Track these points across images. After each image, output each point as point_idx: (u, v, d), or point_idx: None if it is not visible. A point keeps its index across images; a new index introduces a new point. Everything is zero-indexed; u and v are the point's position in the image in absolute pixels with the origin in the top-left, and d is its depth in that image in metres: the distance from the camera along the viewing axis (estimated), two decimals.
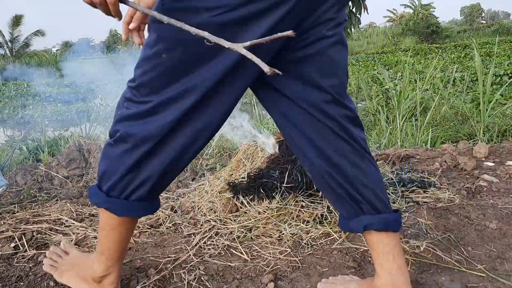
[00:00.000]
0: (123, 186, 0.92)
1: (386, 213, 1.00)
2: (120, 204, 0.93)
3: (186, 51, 0.80)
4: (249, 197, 1.72)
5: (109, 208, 0.94)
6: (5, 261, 1.41)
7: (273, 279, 1.24)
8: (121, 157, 0.90)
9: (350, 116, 0.97)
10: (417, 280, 1.21)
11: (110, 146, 0.92)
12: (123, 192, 0.92)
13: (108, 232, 0.99)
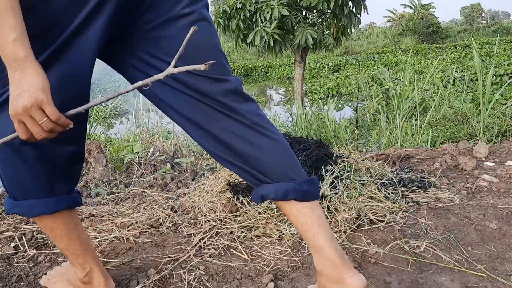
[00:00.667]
0: (20, 188, 0.91)
1: (286, 182, 0.94)
2: (27, 205, 0.92)
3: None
4: (249, 197, 1.72)
5: (19, 212, 0.93)
6: (5, 261, 1.41)
7: (273, 279, 1.24)
8: (10, 163, 0.88)
9: (230, 90, 0.93)
10: (417, 280, 1.21)
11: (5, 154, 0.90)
12: (23, 194, 0.92)
13: (52, 234, 0.99)
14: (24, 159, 0.87)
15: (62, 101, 0.79)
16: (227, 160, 0.97)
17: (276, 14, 4.38)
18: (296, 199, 0.95)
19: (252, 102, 0.98)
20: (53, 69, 0.79)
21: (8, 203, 0.94)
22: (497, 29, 24.79)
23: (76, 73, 0.83)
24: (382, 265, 1.29)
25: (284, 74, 14.79)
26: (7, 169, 0.89)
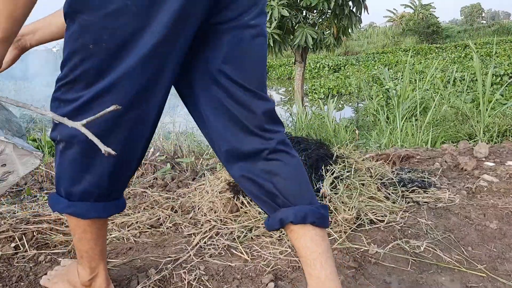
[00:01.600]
0: (81, 190, 0.90)
1: (305, 205, 0.93)
2: (83, 207, 0.91)
3: (112, 38, 0.76)
4: (249, 197, 1.72)
5: (74, 213, 0.92)
6: (5, 261, 1.41)
7: (273, 279, 1.24)
8: (69, 161, 0.87)
9: (270, 110, 0.94)
10: (417, 280, 1.21)
11: (57, 150, 0.89)
12: (82, 195, 0.90)
13: (80, 235, 0.97)
14: (96, 161, 0.86)
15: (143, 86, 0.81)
16: (247, 177, 0.95)
17: (276, 15, 4.38)
18: (314, 223, 0.92)
19: (281, 125, 0.98)
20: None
21: (59, 201, 0.92)
22: (497, 29, 24.78)
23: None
24: (382, 265, 1.29)
25: (284, 74, 14.80)
26: (73, 169, 0.87)
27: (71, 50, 0.80)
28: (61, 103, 0.84)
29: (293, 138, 2.01)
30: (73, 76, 0.81)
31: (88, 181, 0.89)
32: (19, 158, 0.98)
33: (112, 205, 0.95)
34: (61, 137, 0.86)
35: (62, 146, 0.87)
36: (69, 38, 0.80)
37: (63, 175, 0.90)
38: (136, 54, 0.77)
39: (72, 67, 0.80)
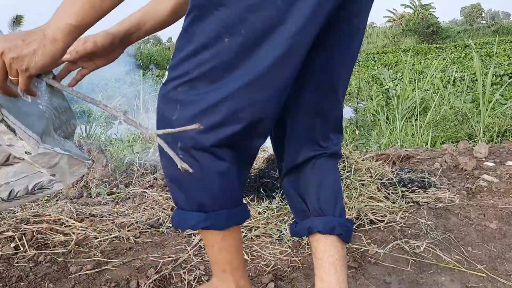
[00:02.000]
0: (221, 199, 0.80)
1: (335, 217, 0.91)
2: (221, 216, 0.82)
3: (250, 30, 0.69)
4: (249, 197, 1.72)
5: (212, 226, 0.81)
6: (5, 261, 1.41)
7: (273, 279, 1.24)
8: (206, 171, 0.76)
9: (340, 118, 0.93)
10: (417, 280, 1.21)
11: (192, 161, 0.75)
12: (212, 204, 0.80)
13: (220, 246, 0.88)
14: (222, 164, 0.77)
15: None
16: (292, 184, 0.95)
17: None
18: (340, 235, 0.91)
19: (342, 134, 0.96)
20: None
21: (194, 217, 0.80)
22: (497, 29, 24.79)
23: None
24: (382, 265, 1.29)
25: None
26: (200, 178, 0.76)
27: (201, 44, 0.71)
28: (180, 104, 0.73)
29: None
30: (198, 72, 0.72)
31: (215, 186, 0.78)
32: (70, 167, 0.87)
33: (243, 209, 0.87)
34: (181, 144, 0.75)
35: (185, 154, 0.76)
36: (200, 30, 0.71)
37: (199, 186, 0.78)
38: (273, 50, 0.70)
39: (198, 62, 0.71)
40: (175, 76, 0.74)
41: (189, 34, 0.72)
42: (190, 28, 0.72)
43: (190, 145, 0.74)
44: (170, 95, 0.75)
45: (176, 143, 0.74)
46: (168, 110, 0.75)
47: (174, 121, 0.74)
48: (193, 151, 0.74)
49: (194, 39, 0.71)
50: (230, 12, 0.68)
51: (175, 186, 0.80)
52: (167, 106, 0.76)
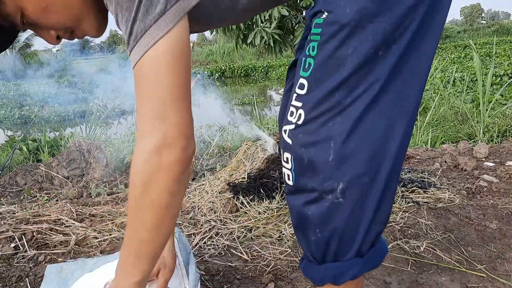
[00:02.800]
0: (373, 237, 0.68)
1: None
2: (376, 255, 0.71)
3: (406, 36, 0.63)
4: (249, 197, 1.72)
5: (370, 267, 0.70)
6: (5, 261, 1.41)
7: (273, 279, 1.24)
8: (355, 210, 0.65)
9: None
10: (417, 280, 1.21)
11: (331, 204, 0.64)
12: (373, 243, 0.69)
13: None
14: (368, 205, 0.65)
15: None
16: None
17: (275, 14, 4.38)
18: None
19: None
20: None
21: (351, 266, 0.68)
22: (497, 29, 24.77)
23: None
24: (382, 265, 1.29)
25: (284, 74, 14.77)
26: (344, 219, 0.65)
27: (355, 67, 0.62)
28: (335, 140, 0.63)
29: None
30: (352, 98, 0.63)
31: (380, 221, 0.68)
32: None
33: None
34: (344, 184, 0.63)
35: (346, 195, 0.64)
36: (352, 51, 0.62)
37: (351, 230, 0.66)
38: (430, 52, 0.66)
39: (352, 88, 0.62)
40: (322, 111, 0.63)
41: (338, 60, 0.63)
42: (339, 52, 0.62)
43: (357, 182, 0.63)
44: (319, 134, 0.63)
45: (337, 184, 0.63)
46: (319, 152, 0.63)
47: (331, 162, 0.63)
48: (359, 188, 0.63)
49: (346, 63, 0.62)
50: (387, 22, 0.62)
51: (326, 235, 0.66)
52: (316, 148, 0.63)
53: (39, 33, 0.71)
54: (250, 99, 8.84)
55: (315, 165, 0.64)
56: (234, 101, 9.37)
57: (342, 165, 0.62)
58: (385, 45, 0.62)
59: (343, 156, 0.62)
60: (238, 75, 16.25)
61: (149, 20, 0.58)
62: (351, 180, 0.63)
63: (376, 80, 0.63)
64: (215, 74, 15.66)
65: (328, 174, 0.63)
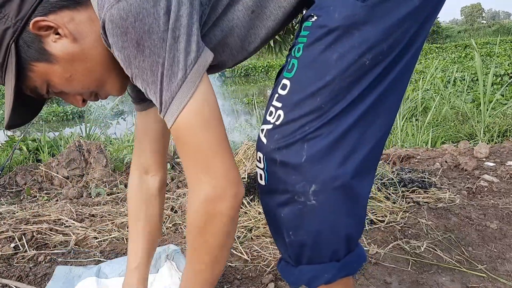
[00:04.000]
0: (348, 240, 0.68)
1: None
2: (353, 259, 0.70)
3: (390, 50, 0.64)
4: (249, 197, 1.72)
5: (348, 272, 0.70)
6: (5, 261, 1.41)
7: (273, 279, 1.24)
8: (332, 211, 0.65)
9: None
10: (417, 280, 1.21)
11: (305, 208, 0.65)
12: (350, 247, 0.69)
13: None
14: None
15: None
16: None
17: None
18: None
19: None
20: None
21: (326, 269, 0.68)
22: (498, 29, 24.75)
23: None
24: (382, 265, 1.29)
25: None
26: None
27: (340, 72, 0.62)
28: (308, 143, 0.63)
29: None
30: (333, 103, 0.63)
31: (351, 225, 0.67)
32: None
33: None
34: (316, 186, 0.63)
35: (319, 197, 0.64)
36: (338, 56, 0.62)
37: (325, 233, 0.66)
38: (413, 62, 0.67)
39: (333, 93, 0.63)
40: (301, 114, 0.63)
41: (322, 64, 0.63)
42: (324, 56, 0.63)
43: (329, 185, 0.63)
44: (294, 136, 0.64)
45: (309, 186, 0.63)
46: (292, 155, 0.64)
47: (304, 164, 0.63)
48: (331, 191, 0.63)
49: (330, 68, 0.62)
50: (374, 31, 0.62)
51: (302, 237, 0.67)
52: (289, 150, 0.64)
53: (65, 99, 0.74)
54: (249, 99, 8.83)
55: (287, 167, 0.64)
56: (234, 100, 9.38)
57: (314, 167, 0.62)
58: (371, 55, 0.62)
59: (316, 158, 0.62)
60: (239, 75, 16.24)
61: (173, 87, 0.61)
62: (323, 182, 0.62)
63: (360, 89, 0.63)
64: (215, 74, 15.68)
65: (300, 176, 0.63)
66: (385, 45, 0.63)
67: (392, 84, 0.65)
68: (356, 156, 0.64)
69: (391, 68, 0.64)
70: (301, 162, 0.63)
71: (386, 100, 0.66)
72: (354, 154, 0.64)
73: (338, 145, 0.63)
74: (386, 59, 0.63)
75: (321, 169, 0.62)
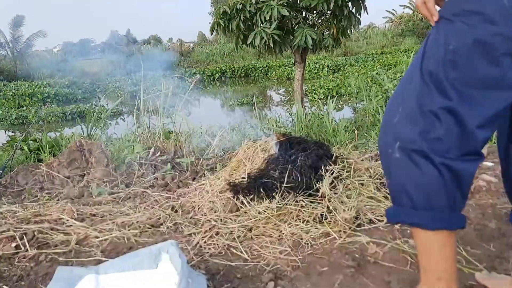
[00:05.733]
0: (432, 200, 0.87)
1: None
2: (429, 216, 0.88)
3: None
4: (249, 197, 1.73)
5: (419, 224, 0.88)
6: (6, 260, 1.42)
7: (273, 278, 1.24)
8: (422, 173, 0.86)
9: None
10: (416, 279, 1.22)
11: (393, 160, 0.89)
12: (432, 205, 0.87)
13: (437, 255, 0.90)
14: (436, 170, 0.85)
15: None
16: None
17: (275, 15, 4.39)
18: None
19: None
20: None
21: (404, 212, 0.90)
22: None
23: None
24: (381, 265, 1.30)
25: (284, 74, 14.78)
26: (414, 177, 0.86)
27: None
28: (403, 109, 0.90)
29: (293, 138, 2.02)
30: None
31: (435, 190, 0.86)
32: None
33: (459, 216, 0.90)
34: (401, 144, 0.87)
35: (403, 155, 0.87)
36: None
37: (409, 184, 0.88)
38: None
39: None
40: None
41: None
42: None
43: (410, 148, 0.86)
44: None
45: (395, 142, 0.87)
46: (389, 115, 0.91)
47: (396, 124, 0.89)
48: (412, 153, 0.85)
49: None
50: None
51: (392, 182, 0.91)
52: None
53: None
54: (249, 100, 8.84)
55: (387, 124, 0.96)
56: (234, 101, 9.39)
57: (391, 127, 0.95)
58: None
59: (403, 121, 0.90)
60: (238, 75, 16.24)
61: None
62: (408, 143, 0.89)
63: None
64: (216, 74, 15.63)
65: (385, 133, 0.97)
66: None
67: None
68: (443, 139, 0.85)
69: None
70: (393, 122, 0.90)
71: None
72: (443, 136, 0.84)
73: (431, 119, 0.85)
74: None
75: (401, 129, 0.87)
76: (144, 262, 1.12)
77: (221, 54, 19.96)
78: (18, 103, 10.65)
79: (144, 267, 1.11)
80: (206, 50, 21.25)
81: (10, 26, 18.13)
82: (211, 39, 25.73)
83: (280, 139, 1.96)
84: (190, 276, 1.13)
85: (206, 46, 22.71)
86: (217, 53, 20.13)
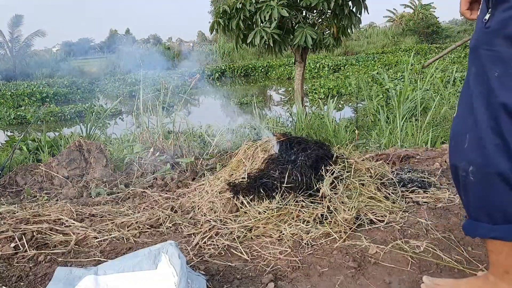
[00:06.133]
0: (499, 213, 0.95)
1: None
2: (506, 230, 0.95)
3: None
4: (249, 197, 1.72)
5: (500, 237, 0.96)
6: (5, 261, 1.41)
7: (273, 279, 1.24)
8: (497, 192, 0.92)
9: None
10: (417, 280, 1.21)
11: (468, 181, 0.95)
12: (503, 218, 0.95)
13: (508, 254, 1.00)
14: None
15: None
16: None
17: (275, 15, 4.38)
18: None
19: None
20: None
21: (484, 227, 0.97)
22: None
23: None
24: (382, 265, 1.29)
25: (284, 74, 14.78)
26: (490, 196, 0.94)
27: None
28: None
29: (293, 138, 2.02)
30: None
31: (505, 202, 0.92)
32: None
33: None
34: (473, 168, 0.93)
35: (477, 178, 0.94)
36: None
37: (485, 203, 0.95)
38: None
39: None
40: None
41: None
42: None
43: (483, 170, 0.92)
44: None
45: (468, 167, 0.95)
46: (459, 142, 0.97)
47: (466, 149, 0.95)
48: (485, 175, 0.92)
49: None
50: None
51: (469, 200, 0.98)
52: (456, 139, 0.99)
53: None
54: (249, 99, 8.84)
55: (458, 150, 1.00)
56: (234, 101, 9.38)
57: (467, 153, 0.97)
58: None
59: (473, 144, 0.95)
60: (238, 75, 16.23)
61: None
62: (480, 167, 0.95)
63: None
64: (215, 74, 15.63)
65: (460, 156, 1.00)
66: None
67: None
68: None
69: None
70: (464, 148, 0.96)
71: None
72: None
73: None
74: None
75: (479, 155, 0.92)
76: (144, 262, 1.11)
77: (221, 54, 19.95)
78: (17, 103, 10.64)
79: (143, 268, 1.10)
80: (205, 49, 21.26)
81: (9, 26, 18.12)
82: (210, 39, 25.73)
83: (280, 139, 1.96)
84: (189, 276, 1.12)
85: (206, 46, 22.72)
86: (216, 53, 20.13)
